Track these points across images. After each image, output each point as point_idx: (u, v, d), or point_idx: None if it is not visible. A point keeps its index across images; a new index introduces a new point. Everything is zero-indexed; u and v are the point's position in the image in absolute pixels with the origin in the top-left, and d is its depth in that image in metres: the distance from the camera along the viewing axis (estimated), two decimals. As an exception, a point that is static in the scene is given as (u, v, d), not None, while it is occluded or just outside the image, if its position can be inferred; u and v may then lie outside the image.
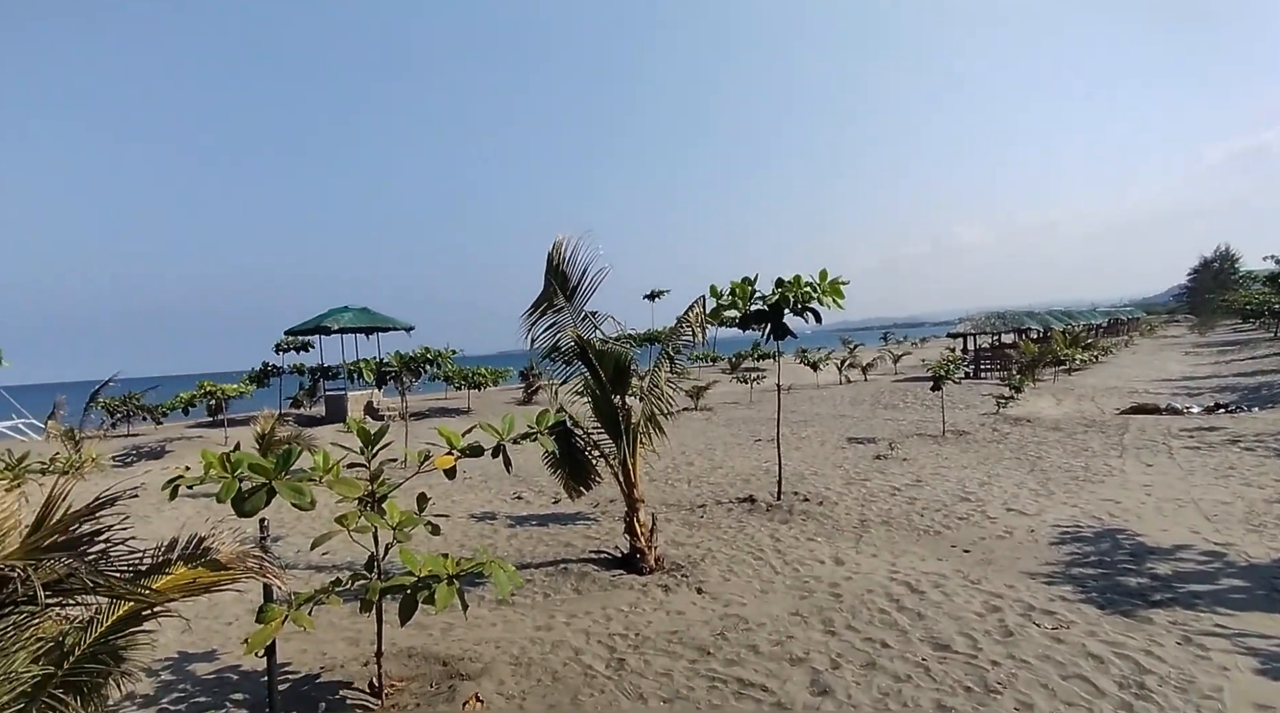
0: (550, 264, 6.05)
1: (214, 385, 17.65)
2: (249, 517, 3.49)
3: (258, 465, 3.49)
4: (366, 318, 21.66)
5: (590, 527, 7.82)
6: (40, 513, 2.81)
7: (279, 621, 3.83)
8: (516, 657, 4.57)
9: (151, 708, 4.28)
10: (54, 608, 3.10)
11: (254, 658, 4.99)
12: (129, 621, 3.29)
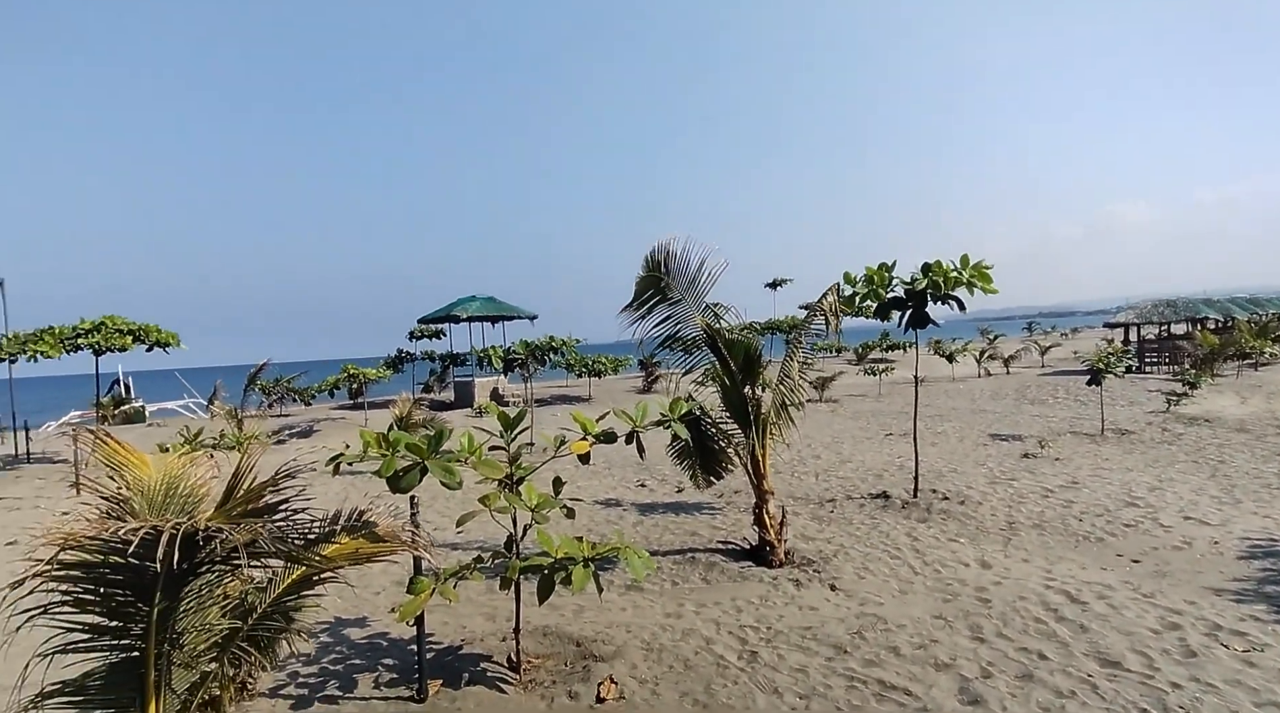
0: (651, 263, 6.07)
1: (356, 370, 19.22)
2: (404, 493, 3.74)
3: (414, 445, 3.73)
4: (492, 307, 22.75)
5: (715, 517, 7.81)
6: (230, 483, 3.15)
7: (427, 592, 4.09)
8: (648, 642, 4.64)
9: (313, 667, 4.70)
10: (242, 569, 3.49)
11: (400, 627, 5.39)
12: (302, 584, 3.62)
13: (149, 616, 3.01)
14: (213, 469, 3.91)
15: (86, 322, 15.12)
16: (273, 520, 2.81)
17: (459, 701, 4.03)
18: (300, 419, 20.28)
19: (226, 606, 3.54)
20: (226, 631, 3.45)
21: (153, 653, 3.07)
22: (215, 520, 2.62)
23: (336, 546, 3.38)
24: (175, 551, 2.40)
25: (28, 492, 12.19)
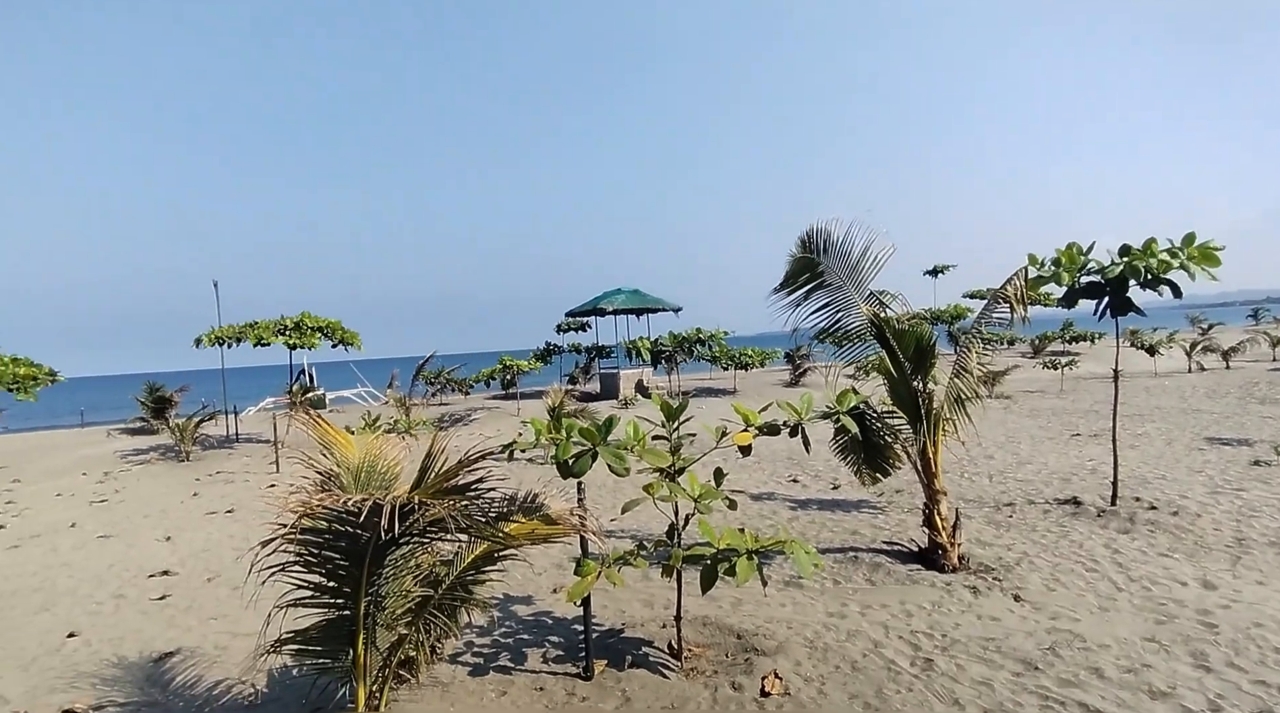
0: (806, 245, 5.91)
1: (511, 361, 20.50)
2: (576, 477, 3.97)
3: (586, 432, 3.96)
4: (637, 300, 23.34)
5: (877, 516, 7.56)
6: (423, 463, 3.51)
7: (594, 575, 4.33)
8: (811, 640, 4.61)
9: (486, 638, 5.12)
10: (434, 543, 3.88)
11: (562, 606, 5.72)
12: (484, 560, 3.97)
13: (359, 579, 3.44)
14: (404, 451, 4.38)
15: (288, 318, 17.28)
16: (466, 499, 3.11)
17: (624, 682, 4.23)
18: (459, 408, 21.93)
19: (418, 576, 3.96)
20: (419, 598, 3.86)
21: (361, 613, 3.51)
22: (424, 495, 2.95)
23: (516, 525, 3.67)
24: (395, 521, 2.72)
25: (238, 467, 14.17)
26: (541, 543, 3.75)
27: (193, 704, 4.48)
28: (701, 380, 26.61)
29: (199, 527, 9.40)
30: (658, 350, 20.65)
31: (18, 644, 5.62)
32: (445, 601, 3.96)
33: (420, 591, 3.85)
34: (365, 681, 3.59)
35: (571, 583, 6.23)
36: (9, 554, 8.50)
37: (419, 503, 2.88)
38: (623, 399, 20.92)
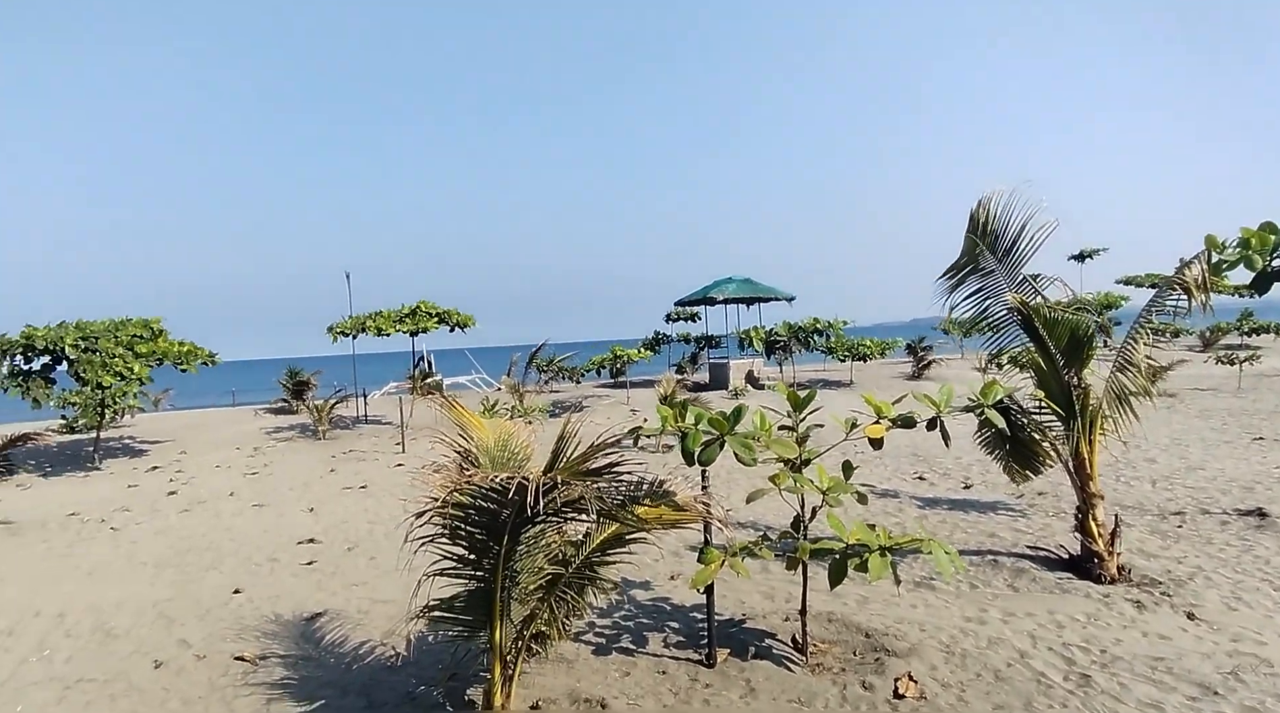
0: (973, 223, 5.63)
1: (622, 351, 20.89)
2: (703, 466, 4.04)
3: (715, 421, 4.01)
4: (749, 288, 23.10)
5: (1017, 519, 7.16)
6: (555, 447, 3.67)
7: (718, 564, 4.38)
8: (947, 644, 4.46)
9: (607, 619, 5.29)
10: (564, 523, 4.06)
11: (679, 593, 5.83)
12: (612, 543, 4.10)
13: (498, 554, 3.66)
14: (532, 434, 4.60)
15: (405, 307, 18.46)
16: (603, 480, 3.24)
17: (747, 671, 4.27)
18: (570, 395, 22.58)
19: (548, 555, 4.16)
20: (550, 576, 4.05)
21: (498, 586, 3.73)
22: (564, 475, 3.10)
23: (644, 509, 3.78)
24: (539, 498, 2.88)
25: (368, 447, 15.27)
26: (670, 528, 3.84)
27: (342, 662, 4.92)
28: (815, 372, 25.97)
29: (337, 500, 10.25)
30: (772, 340, 20.37)
31: (195, 597, 6.38)
32: (574, 580, 4.13)
33: (551, 568, 4.05)
34: (500, 651, 3.82)
35: (693, 571, 6.35)
36: (182, 518, 9.62)
37: (561, 482, 3.03)
38: (733, 390, 20.80)
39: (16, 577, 7.24)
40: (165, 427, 19.06)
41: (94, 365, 13.41)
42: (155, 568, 7.34)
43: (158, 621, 5.84)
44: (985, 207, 5.47)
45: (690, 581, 4.41)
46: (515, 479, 2.97)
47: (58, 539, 8.74)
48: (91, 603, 6.33)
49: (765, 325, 22.64)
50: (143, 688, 4.64)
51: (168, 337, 14.88)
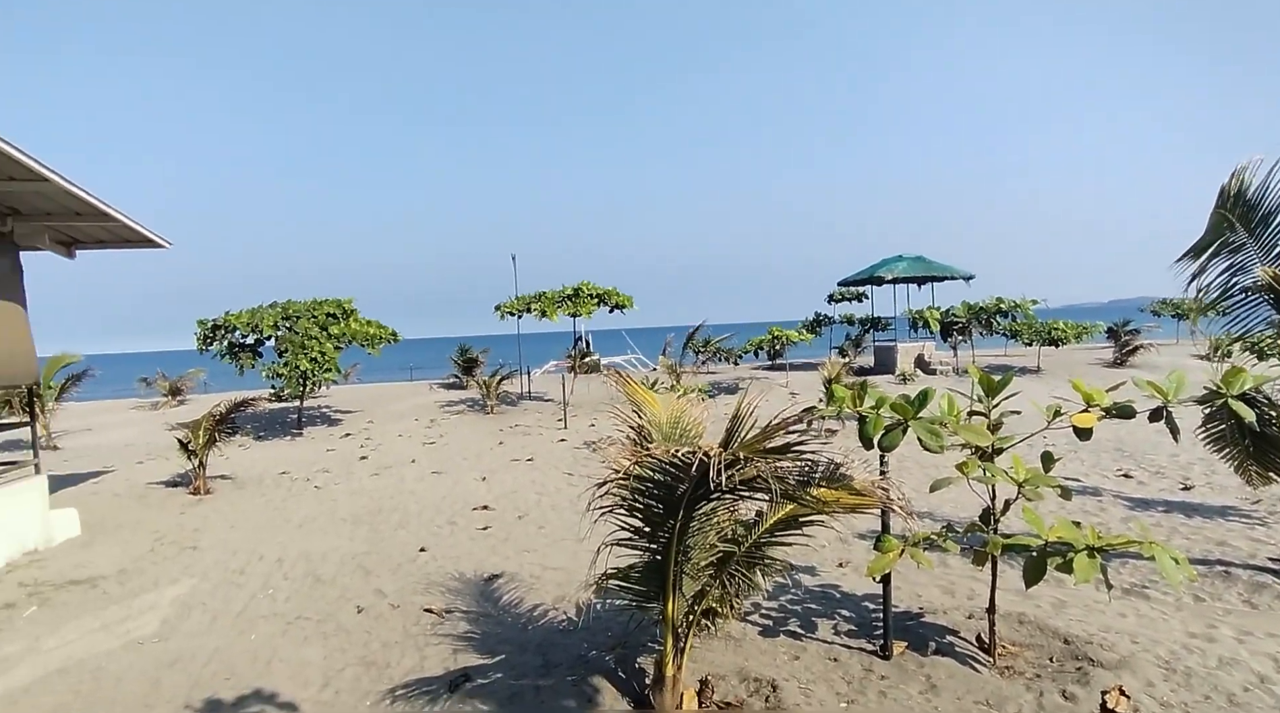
0: (1223, 197, 4.98)
1: (780, 331, 20.58)
2: (885, 451, 3.92)
3: (898, 405, 3.88)
4: (921, 267, 21.86)
5: (1253, 528, 6.32)
6: (730, 425, 3.71)
7: (896, 553, 4.25)
8: (1166, 660, 4.05)
9: (773, 602, 5.31)
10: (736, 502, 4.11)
11: (849, 581, 5.72)
12: (786, 524, 4.11)
13: (673, 527, 3.78)
14: (704, 411, 4.68)
15: (567, 288, 19.28)
16: (786, 459, 3.24)
17: (927, 667, 4.12)
18: (727, 377, 22.61)
19: (719, 533, 4.24)
20: (722, 553, 4.13)
21: (672, 559, 3.86)
22: (746, 451, 3.14)
23: (822, 492, 3.74)
24: (720, 473, 2.95)
25: (532, 422, 16.20)
26: (850, 512, 3.77)
27: (518, 621, 5.31)
28: (995, 356, 24.14)
29: (506, 471, 11.00)
30: (949, 322, 19.12)
31: (387, 552, 7.13)
32: (744, 559, 4.18)
33: (723, 546, 4.12)
34: (672, 623, 3.95)
35: (860, 559, 6.22)
36: (372, 480, 10.75)
37: (744, 458, 3.07)
38: (900, 374, 19.87)
39: (244, 524, 8.45)
40: (355, 398, 21.29)
41: (294, 344, 15.23)
42: (353, 524, 8.28)
43: (357, 571, 6.60)
44: (1239, 176, 4.82)
45: (866, 568, 4.32)
46: (698, 453, 3.05)
47: (273, 494, 10.08)
48: (303, 551, 7.26)
49: (939, 306, 21.29)
50: (349, 629, 5.27)
51: (358, 316, 16.56)
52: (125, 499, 9.87)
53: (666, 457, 3.27)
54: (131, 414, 20.66)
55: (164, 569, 6.82)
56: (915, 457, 9.69)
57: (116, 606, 5.90)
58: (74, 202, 7.62)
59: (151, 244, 9.31)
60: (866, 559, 6.22)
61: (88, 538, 7.99)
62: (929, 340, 21.70)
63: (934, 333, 20.16)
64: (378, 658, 4.77)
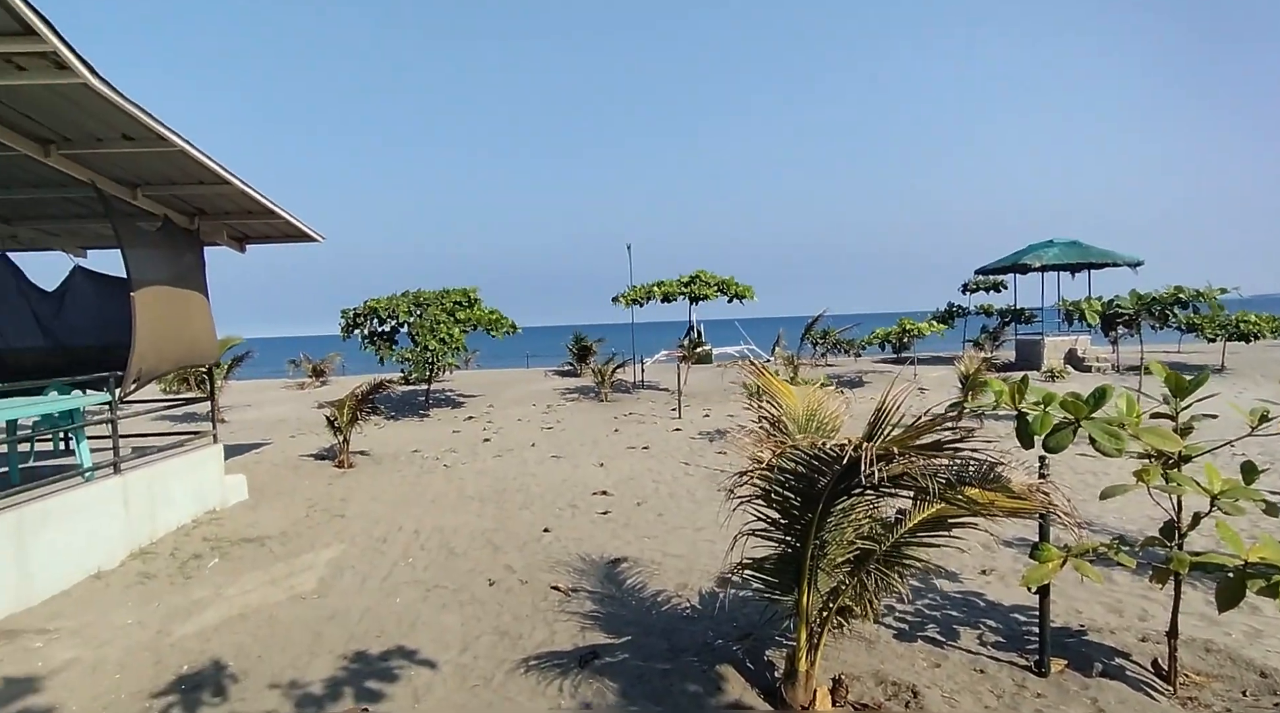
0: None
1: (911, 323, 19.71)
2: (1052, 452, 3.65)
3: (1069, 403, 3.61)
4: (1077, 253, 20.19)
5: None
6: (872, 418, 3.57)
7: (1057, 563, 3.97)
8: (1386, 705, 3.58)
9: (908, 606, 5.09)
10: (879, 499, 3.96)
11: (996, 590, 5.40)
12: (932, 525, 3.92)
13: (810, 521, 3.69)
14: (843, 403, 4.54)
15: (684, 276, 19.29)
16: (942, 456, 3.09)
17: (1092, 689, 3.83)
18: (848, 370, 21.93)
19: (858, 530, 4.10)
20: (860, 550, 4.00)
21: (808, 553, 3.77)
22: (900, 446, 3.01)
23: (976, 493, 3.53)
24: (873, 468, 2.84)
25: (646, 411, 16.34)
26: (1008, 516, 3.55)
27: (642, 605, 5.39)
28: (1166, 354, 22.00)
29: (623, 458, 11.16)
30: (1113, 314, 17.41)
31: (513, 530, 7.42)
32: (884, 557, 4.03)
33: (861, 543, 3.99)
34: (807, 618, 3.87)
35: (1005, 567, 5.87)
36: (495, 462, 11.21)
37: (896, 454, 2.95)
38: (1047, 370, 18.52)
39: (384, 496, 9.04)
40: (476, 382, 22.27)
41: (424, 329, 16.11)
42: (480, 502, 8.67)
43: (486, 546, 6.91)
44: None
45: (1022, 578, 4.07)
46: (847, 447, 2.95)
47: (407, 470, 10.72)
48: (436, 525, 7.68)
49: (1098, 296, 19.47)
50: (482, 600, 5.53)
51: (481, 305, 17.30)
52: (282, 469, 10.80)
53: (811, 449, 3.19)
54: (282, 392, 22.54)
55: (318, 534, 7.42)
56: (1066, 460, 9.00)
57: (281, 563, 6.48)
58: (249, 202, 8.43)
59: (308, 239, 10.10)
60: (1013, 568, 5.87)
61: (254, 502, 8.82)
62: (1083, 334, 20.03)
63: (1092, 326, 18.49)
64: (510, 629, 4.98)
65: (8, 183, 7.91)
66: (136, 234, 7.57)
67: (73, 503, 6.20)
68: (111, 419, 7.20)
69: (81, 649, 4.79)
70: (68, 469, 6.95)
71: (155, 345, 7.40)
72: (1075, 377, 18.27)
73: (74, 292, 9.40)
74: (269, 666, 4.51)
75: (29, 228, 9.53)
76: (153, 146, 6.63)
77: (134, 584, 6.04)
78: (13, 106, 5.87)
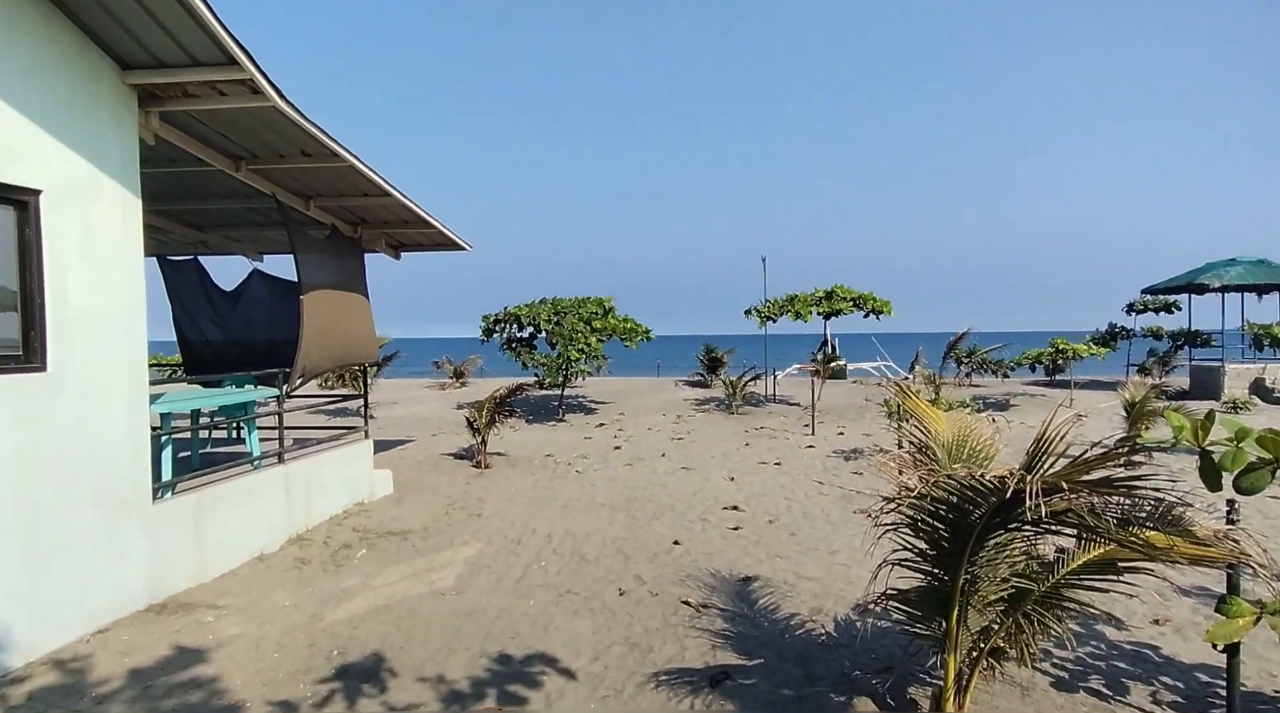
0: None
1: (1066, 344, 18.29)
2: (1246, 494, 3.28)
3: (1267, 440, 3.24)
4: (1264, 272, 18.07)
5: None
6: (1032, 448, 3.35)
7: (1250, 619, 3.56)
8: None
9: (1068, 652, 4.70)
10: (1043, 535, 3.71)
11: (1171, 644, 4.91)
12: (1101, 568, 3.63)
13: (961, 554, 3.51)
14: (996, 430, 4.29)
15: (820, 291, 18.89)
16: (1114, 493, 2.86)
17: (1291, 769, 3.40)
18: (995, 391, 20.65)
19: (1013, 567, 3.86)
20: (1014, 589, 3.76)
21: (958, 587, 3.59)
22: (1068, 481, 2.82)
23: (1152, 536, 3.24)
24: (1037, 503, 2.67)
25: (778, 425, 16.08)
26: (1190, 564, 3.23)
27: (775, 627, 5.30)
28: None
29: (754, 473, 11.04)
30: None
31: (643, 540, 7.52)
32: (1042, 598, 3.77)
33: (1017, 582, 3.75)
34: (955, 655, 3.68)
35: (1182, 619, 5.32)
36: (626, 470, 11.41)
37: (1067, 487, 2.77)
38: (1229, 401, 16.64)
39: (518, 499, 9.42)
40: (607, 390, 22.80)
41: (563, 336, 16.70)
42: (611, 510, 8.84)
43: (617, 555, 7.03)
44: None
45: (1206, 633, 3.68)
46: (1009, 480, 2.79)
47: (540, 473, 11.12)
48: (568, 530, 7.91)
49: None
50: (613, 609, 5.64)
51: (616, 313, 17.72)
52: (424, 466, 11.52)
53: (966, 479, 3.05)
54: (425, 392, 24.07)
55: (457, 531, 7.84)
56: (1256, 503, 8.04)
57: (422, 558, 6.91)
58: (406, 212, 9.11)
59: (457, 247, 10.76)
60: (1191, 620, 5.31)
61: (398, 496, 9.46)
62: (1272, 362, 17.86)
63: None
64: (640, 641, 5.05)
65: (203, 194, 8.98)
66: (308, 241, 8.36)
67: (243, 489, 6.86)
68: (279, 411, 7.92)
69: (246, 626, 5.28)
70: (239, 457, 7.75)
71: (320, 345, 8.11)
72: (1263, 409, 16.28)
73: (250, 292, 10.43)
74: (411, 657, 4.80)
75: (217, 234, 10.76)
76: (327, 162, 7.29)
77: (291, 568, 6.61)
78: (212, 127, 6.61)
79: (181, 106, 5.93)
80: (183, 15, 4.88)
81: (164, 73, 5.48)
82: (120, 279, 5.49)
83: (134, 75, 5.48)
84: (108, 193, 5.38)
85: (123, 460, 5.46)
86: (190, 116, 6.30)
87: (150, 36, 5.16)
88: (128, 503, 5.49)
